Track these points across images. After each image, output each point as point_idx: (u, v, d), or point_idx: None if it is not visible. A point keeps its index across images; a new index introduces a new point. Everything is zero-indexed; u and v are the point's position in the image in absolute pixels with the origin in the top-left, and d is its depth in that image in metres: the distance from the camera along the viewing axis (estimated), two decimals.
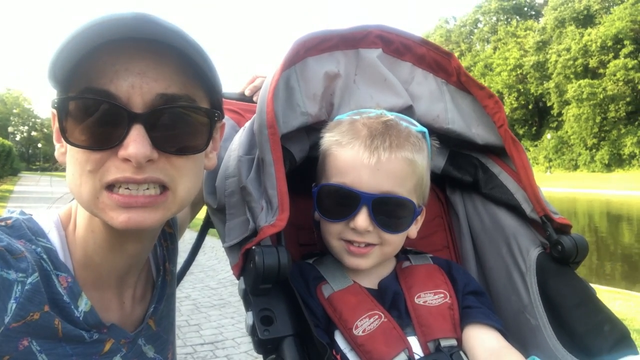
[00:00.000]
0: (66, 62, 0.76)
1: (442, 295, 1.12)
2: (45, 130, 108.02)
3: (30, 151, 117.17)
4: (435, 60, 1.29)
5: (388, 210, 1.07)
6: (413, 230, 1.18)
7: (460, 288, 1.16)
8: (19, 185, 29.64)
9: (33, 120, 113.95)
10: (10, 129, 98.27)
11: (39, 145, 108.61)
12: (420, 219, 1.20)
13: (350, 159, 1.07)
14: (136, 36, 0.76)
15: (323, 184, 1.11)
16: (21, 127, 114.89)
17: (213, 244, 9.31)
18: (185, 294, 6.22)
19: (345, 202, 1.06)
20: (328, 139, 1.13)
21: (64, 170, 0.87)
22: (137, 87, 0.78)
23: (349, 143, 1.08)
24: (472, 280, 1.23)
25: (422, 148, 1.13)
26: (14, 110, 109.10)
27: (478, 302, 1.14)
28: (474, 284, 1.21)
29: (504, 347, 1.06)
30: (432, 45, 1.29)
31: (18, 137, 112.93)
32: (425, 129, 1.18)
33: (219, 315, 5.54)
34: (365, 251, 1.09)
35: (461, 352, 1.06)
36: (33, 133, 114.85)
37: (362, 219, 1.04)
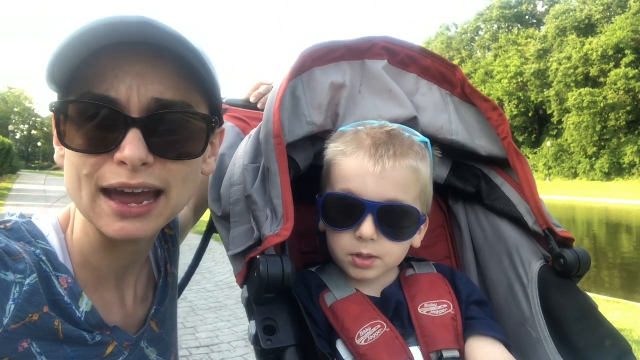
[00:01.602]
0: (65, 65, 0.76)
1: (445, 305, 1.12)
2: (46, 129, 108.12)
3: (29, 150, 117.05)
4: (440, 72, 1.30)
5: (393, 218, 1.07)
6: (417, 240, 1.19)
7: (463, 298, 1.16)
8: (17, 184, 29.60)
9: (33, 119, 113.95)
10: (10, 128, 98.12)
11: (39, 144, 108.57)
12: (424, 229, 1.21)
13: (355, 167, 1.08)
14: (136, 40, 0.77)
15: (328, 193, 1.12)
16: (22, 126, 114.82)
17: (211, 247, 9.16)
18: (182, 296, 6.13)
19: (351, 210, 1.07)
20: (333, 149, 1.14)
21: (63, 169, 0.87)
22: (134, 89, 0.78)
23: (353, 152, 1.09)
24: (475, 290, 1.23)
25: (425, 157, 1.15)
26: (15, 109, 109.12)
27: (482, 313, 1.14)
28: (478, 294, 1.21)
29: (508, 359, 1.06)
30: (437, 57, 1.30)
31: (18, 136, 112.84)
32: (427, 140, 1.19)
33: (215, 318, 5.52)
34: (370, 263, 1.09)
35: None
36: (33, 132, 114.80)
37: (367, 227, 1.05)
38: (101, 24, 0.73)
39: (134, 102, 0.79)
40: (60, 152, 0.88)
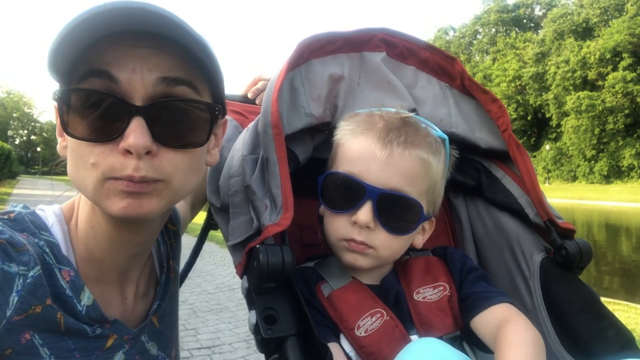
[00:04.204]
0: (68, 53, 0.76)
1: (441, 288, 1.10)
2: (45, 134, 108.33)
3: (29, 155, 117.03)
4: (439, 64, 1.30)
5: (393, 209, 1.03)
6: (419, 240, 1.14)
7: (457, 273, 1.13)
8: (17, 189, 29.61)
9: (33, 124, 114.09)
10: (9, 133, 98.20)
11: (38, 149, 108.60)
12: (428, 228, 1.16)
13: (361, 149, 1.04)
14: (139, 29, 0.76)
15: (330, 172, 1.09)
16: (21, 131, 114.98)
17: (211, 249, 9.30)
18: (183, 298, 6.19)
19: (350, 193, 1.03)
20: (343, 127, 1.11)
21: (62, 173, 0.86)
22: (138, 72, 0.78)
23: (362, 133, 1.05)
24: (467, 260, 1.19)
25: (439, 152, 1.09)
26: (14, 114, 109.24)
27: (475, 284, 1.11)
28: (470, 263, 1.18)
29: (503, 320, 1.00)
30: (436, 50, 1.30)
31: (17, 141, 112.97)
32: (445, 136, 1.14)
33: (216, 320, 5.52)
34: (363, 248, 1.04)
35: (464, 343, 1.05)
36: (32, 137, 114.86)
37: (364, 212, 1.01)
38: (105, 10, 0.72)
39: (137, 87, 0.78)
40: (63, 144, 0.87)
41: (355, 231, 1.04)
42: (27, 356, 0.78)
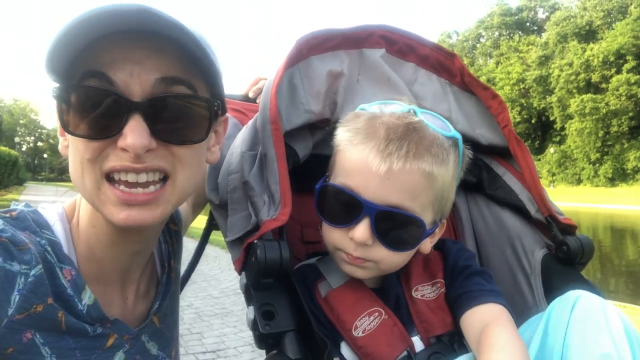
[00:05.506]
0: (65, 54, 0.76)
1: (438, 285, 1.09)
2: (52, 141, 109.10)
3: (36, 162, 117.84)
4: (438, 60, 1.30)
5: (392, 226, 0.96)
6: (427, 245, 1.08)
7: (449, 270, 1.10)
8: (24, 195, 29.76)
9: (39, 131, 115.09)
10: (16, 140, 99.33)
11: (45, 155, 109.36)
12: (438, 232, 1.10)
13: (359, 161, 0.96)
14: (135, 29, 0.76)
15: (326, 183, 1.03)
16: (28, 138, 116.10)
17: (216, 254, 9.32)
18: (188, 302, 6.21)
19: (347, 208, 0.97)
20: (341, 133, 1.04)
21: (68, 179, 0.87)
22: (135, 76, 0.78)
23: (361, 143, 0.97)
24: (461, 256, 1.14)
25: (446, 160, 0.99)
26: (21, 121, 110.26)
27: (466, 282, 1.06)
28: (462, 261, 1.12)
29: (491, 322, 0.94)
30: (436, 46, 1.30)
31: (24, 148, 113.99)
32: (458, 135, 1.05)
33: (222, 324, 5.53)
34: (360, 262, 0.99)
35: (464, 339, 1.04)
36: (39, 144, 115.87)
37: (361, 230, 0.95)
38: (100, 12, 0.72)
39: (135, 88, 0.78)
40: (64, 143, 0.87)
41: (352, 246, 0.98)
42: (28, 355, 0.78)
